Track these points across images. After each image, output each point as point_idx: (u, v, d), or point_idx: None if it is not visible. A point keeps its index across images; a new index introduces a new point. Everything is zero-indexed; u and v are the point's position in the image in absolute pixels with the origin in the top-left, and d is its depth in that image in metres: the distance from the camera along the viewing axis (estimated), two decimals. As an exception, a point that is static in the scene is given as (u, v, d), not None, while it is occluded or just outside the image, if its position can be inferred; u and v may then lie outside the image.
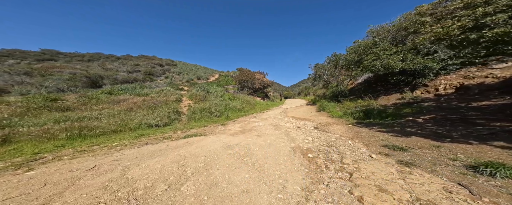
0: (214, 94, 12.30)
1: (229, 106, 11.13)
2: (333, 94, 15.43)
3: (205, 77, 26.88)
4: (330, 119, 9.26)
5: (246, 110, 12.73)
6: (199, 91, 11.75)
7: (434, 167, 2.94)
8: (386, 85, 14.13)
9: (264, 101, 21.00)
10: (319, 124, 7.79)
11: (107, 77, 14.79)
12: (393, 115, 7.63)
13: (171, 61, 33.98)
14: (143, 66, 23.87)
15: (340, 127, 7.05)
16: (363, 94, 14.83)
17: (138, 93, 10.03)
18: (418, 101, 8.20)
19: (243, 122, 8.47)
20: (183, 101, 10.55)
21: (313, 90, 38.13)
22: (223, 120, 8.57)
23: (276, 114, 12.06)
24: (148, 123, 7.03)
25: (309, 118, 9.72)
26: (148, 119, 7.22)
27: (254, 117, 10.45)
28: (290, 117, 10.35)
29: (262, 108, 15.48)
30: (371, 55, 9.19)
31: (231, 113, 10.36)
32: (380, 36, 9.69)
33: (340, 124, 7.72)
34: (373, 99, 11.33)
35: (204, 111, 8.94)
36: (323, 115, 11.21)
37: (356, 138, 5.29)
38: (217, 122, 8.11)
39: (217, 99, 11.73)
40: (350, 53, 10.83)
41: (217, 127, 7.22)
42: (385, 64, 8.69)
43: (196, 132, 6.39)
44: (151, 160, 3.59)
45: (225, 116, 9.22)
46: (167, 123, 7.45)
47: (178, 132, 6.50)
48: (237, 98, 14.44)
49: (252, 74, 19.51)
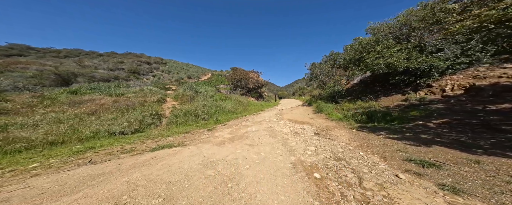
0: (204, 95, 11.28)
1: (220, 107, 10.14)
2: (330, 95, 14.75)
3: (197, 76, 25.64)
4: (329, 122, 8.48)
5: (238, 112, 11.77)
6: (186, 91, 10.67)
7: (495, 196, 2.13)
8: (384, 86, 13.60)
9: (258, 102, 20.11)
10: (319, 129, 6.98)
11: (82, 75, 13.33)
12: (399, 118, 6.93)
13: (161, 59, 32.43)
14: (128, 64, 22.28)
15: (343, 132, 6.25)
16: (360, 95, 14.25)
17: (110, 93, 8.76)
18: (425, 103, 7.55)
19: (234, 126, 7.52)
20: (166, 102, 9.46)
21: (307, 90, 37.67)
22: (211, 124, 7.58)
23: (271, 116, 11.19)
24: (109, 130, 5.70)
25: (307, 121, 8.90)
26: (112, 124, 6.03)
27: (247, 119, 9.51)
28: (286, 119, 9.50)
29: (256, 109, 14.58)
30: (373, 53, 8.50)
31: (221, 115, 9.38)
32: (382, 33, 9.03)
33: (342, 129, 6.94)
34: (374, 101, 10.69)
35: (190, 113, 7.88)
36: (321, 117, 10.45)
37: (366, 147, 4.48)
38: (203, 126, 7.09)
39: (206, 100, 10.71)
40: (350, 51, 10.12)
41: (201, 133, 6.18)
42: (389, 63, 8.01)
43: (173, 141, 5.25)
44: (68, 197, 2.34)
45: (214, 119, 8.22)
46: (138, 129, 6.28)
47: (148, 141, 5.34)
48: (229, 99, 13.46)
49: (246, 73, 18.57)
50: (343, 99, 14.03)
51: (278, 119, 9.58)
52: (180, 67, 31.18)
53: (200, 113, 8.17)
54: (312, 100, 20.25)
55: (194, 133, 6.22)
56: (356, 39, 9.92)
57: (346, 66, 12.35)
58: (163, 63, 31.04)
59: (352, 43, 10.22)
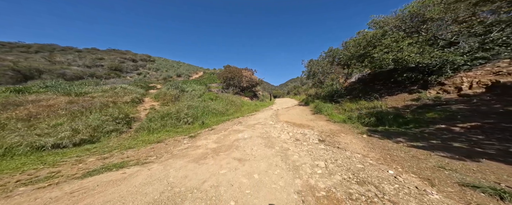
0: (191, 94, 10.04)
1: (209, 109, 8.95)
2: (328, 94, 13.82)
3: (187, 74, 24.16)
4: (332, 125, 7.48)
5: (230, 113, 10.60)
6: (170, 90, 9.38)
7: None
8: (386, 84, 12.77)
9: (252, 102, 18.98)
10: (322, 134, 5.94)
11: (49, 72, 11.67)
12: (415, 121, 6.00)
13: (148, 56, 30.58)
14: (109, 61, 20.47)
15: (353, 139, 5.23)
16: (361, 94, 13.39)
17: (69, 92, 7.31)
18: (441, 103, 6.67)
19: (223, 131, 6.35)
20: (144, 103, 8.17)
21: (303, 89, 36.88)
22: (195, 129, 6.38)
23: (267, 117, 10.10)
24: (36, 144, 4.13)
25: (306, 124, 7.86)
26: (47, 134, 4.56)
27: (239, 122, 8.37)
28: (283, 122, 8.44)
29: (250, 110, 13.44)
30: (380, 47, 7.56)
31: (210, 118, 8.20)
32: (389, 25, 8.10)
33: (350, 133, 5.93)
34: (379, 100, 9.80)
35: (169, 116, 6.61)
36: (321, 118, 9.45)
37: (391, 161, 3.45)
38: (185, 132, 5.87)
39: (194, 100, 9.50)
40: (353, 46, 9.17)
41: (179, 142, 4.90)
42: (398, 58, 7.08)
43: (130, 157, 3.84)
44: None
45: (200, 123, 7.02)
46: (88, 139, 4.84)
47: (91, 158, 3.85)
48: (221, 99, 12.26)
49: (239, 71, 17.37)
50: (343, 98, 13.14)
51: (275, 121, 8.50)
52: (170, 65, 29.52)
53: (183, 115, 6.92)
54: (309, 99, 19.32)
55: (169, 141, 4.94)
56: (360, 33, 8.99)
57: (347, 63, 11.41)
58: (151, 60, 29.25)
59: (355, 37, 9.29)
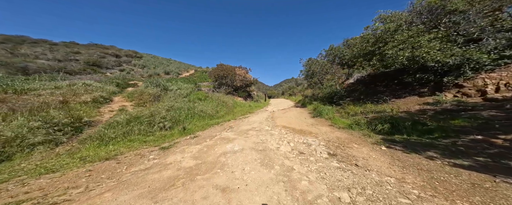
0: (175, 94, 8.76)
1: (195, 110, 7.70)
2: (328, 95, 12.86)
3: (176, 72, 22.64)
4: (338, 132, 6.43)
5: (220, 115, 9.39)
6: (149, 88, 8.05)
7: None
8: (389, 86, 11.95)
9: (246, 102, 17.80)
10: (330, 144, 4.87)
11: (6, 65, 9.99)
12: (439, 130, 5.03)
13: (135, 52, 28.65)
14: (86, 55, 18.54)
15: (370, 151, 4.18)
16: (362, 96, 12.54)
17: (5, 88, 5.90)
18: (465, 108, 5.76)
19: (207, 139, 5.14)
20: (112, 103, 6.81)
21: (298, 90, 36.07)
22: (172, 137, 5.12)
23: (262, 120, 8.96)
24: None
25: (308, 130, 6.78)
26: None
27: (229, 127, 7.18)
28: (281, 126, 7.32)
29: (244, 111, 12.26)
30: (394, 43, 6.59)
31: (195, 122, 6.96)
32: (400, 20, 7.13)
33: (363, 143, 4.89)
34: (386, 103, 8.89)
35: (139, 120, 5.27)
36: (323, 123, 8.42)
37: (446, 191, 2.38)
38: (157, 142, 4.57)
39: (178, 100, 8.23)
40: (359, 42, 8.19)
41: (141, 158, 3.52)
42: (415, 55, 6.12)
43: (34, 192, 2.39)
44: None
45: (181, 128, 5.75)
46: None
47: None
48: (210, 99, 11.02)
49: (232, 69, 16.14)
50: (343, 100, 12.22)
51: (271, 126, 7.37)
52: (159, 62, 27.82)
53: (159, 119, 5.60)
54: (306, 101, 18.36)
55: (127, 157, 3.52)
56: (369, 28, 8.01)
57: (348, 63, 10.45)
58: (138, 57, 27.38)
59: (362, 33, 8.32)
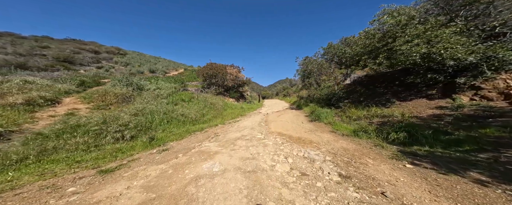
0: (152, 94, 7.51)
1: (173, 114, 6.51)
2: (325, 97, 11.97)
3: (163, 71, 21.13)
4: (343, 140, 5.46)
5: (206, 119, 8.22)
6: (117, 87, 6.74)
7: None
8: (391, 87, 11.19)
9: (238, 104, 16.66)
10: (337, 158, 3.86)
11: None
12: (470, 141, 4.16)
13: (118, 49, 26.69)
14: (56, 50, 16.62)
15: (393, 170, 3.21)
16: (362, 98, 11.76)
17: None
18: (493, 114, 4.94)
19: (179, 154, 3.99)
20: (59, 106, 5.47)
21: (292, 90, 35.27)
22: (133, 150, 3.93)
23: (254, 125, 7.89)
24: None
25: (307, 138, 5.76)
26: None
27: (214, 135, 6.05)
28: (276, 134, 6.28)
29: (235, 114, 11.14)
30: (407, 38, 5.69)
31: (171, 128, 5.79)
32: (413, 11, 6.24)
33: (378, 157, 3.92)
34: (392, 106, 8.06)
35: (84, 129, 3.97)
36: (322, 128, 7.45)
37: None
38: (100, 161, 3.32)
39: (155, 102, 7.00)
40: (365, 37, 7.28)
41: (41, 198, 2.32)
42: (432, 52, 5.25)
43: None
44: None
45: (148, 138, 4.51)
46: None
47: None
48: (197, 100, 9.82)
49: (223, 68, 14.94)
50: (342, 103, 11.38)
51: (265, 133, 6.31)
52: (145, 60, 26.11)
53: (116, 127, 4.29)
54: (301, 102, 17.47)
55: (18, 196, 2.31)
56: (375, 22, 7.09)
57: (351, 61, 9.57)
58: (121, 54, 25.53)
59: (367, 28, 7.40)
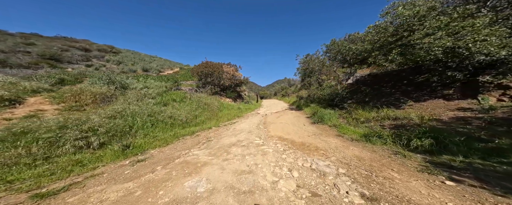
0: (139, 94, 6.70)
1: (160, 117, 5.71)
2: (328, 97, 11.25)
3: (157, 69, 20.23)
4: (354, 147, 4.72)
5: (199, 121, 7.42)
6: (96, 85, 5.92)
7: None
8: (399, 87, 10.47)
9: (235, 104, 15.88)
10: (353, 171, 3.12)
11: None
12: (510, 151, 3.46)
13: (111, 47, 25.65)
14: (42, 47, 15.66)
15: (429, 189, 2.45)
16: (368, 99, 11.05)
17: None
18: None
19: (158, 167, 3.21)
20: (20, 107, 4.66)
21: (291, 90, 34.61)
22: (101, 161, 3.16)
23: (252, 128, 7.12)
24: None
25: (312, 143, 5.01)
26: None
27: (206, 140, 5.26)
28: (276, 138, 5.51)
29: (231, 115, 10.36)
30: (428, 30, 4.96)
31: (157, 132, 4.99)
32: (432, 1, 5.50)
33: (405, 170, 3.18)
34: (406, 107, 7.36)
35: (34, 135, 3.16)
36: (327, 132, 6.72)
37: None
38: (44, 179, 2.56)
39: (141, 102, 6.19)
40: (374, 33, 6.55)
41: None
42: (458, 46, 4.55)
43: None
44: None
45: (122, 145, 3.72)
46: None
47: None
48: (189, 101, 9.02)
49: (219, 67, 14.13)
50: (346, 103, 10.67)
51: (264, 137, 5.54)
52: (139, 59, 25.16)
53: (77, 134, 3.46)
54: (301, 103, 16.76)
55: None
56: (388, 14, 6.32)
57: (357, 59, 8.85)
58: (113, 52, 24.52)
59: (377, 21, 6.65)
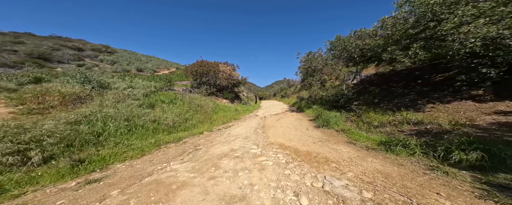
0: (120, 95, 5.82)
1: (141, 121, 4.82)
2: (333, 98, 10.38)
3: (152, 69, 19.34)
4: (373, 159, 3.83)
5: (190, 125, 6.53)
6: (67, 85, 5.03)
7: None
8: (412, 86, 9.43)
9: (232, 105, 14.98)
10: (383, 196, 2.20)
11: None
12: None
13: (106, 47, 24.70)
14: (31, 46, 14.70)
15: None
16: (377, 100, 10.11)
17: None
18: None
19: (109, 193, 2.33)
20: None
21: (291, 91, 33.76)
22: (42, 180, 2.30)
23: (249, 133, 6.23)
24: None
25: (320, 153, 4.11)
26: None
27: (193, 149, 4.36)
28: (277, 146, 4.62)
29: (227, 118, 9.46)
30: (463, 18, 4.08)
31: (131, 140, 4.11)
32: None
33: (461, 198, 2.27)
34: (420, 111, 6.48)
35: None
36: (336, 138, 5.84)
37: None
38: None
39: (121, 105, 5.31)
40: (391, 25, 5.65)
41: None
42: (506, 35, 3.70)
43: None
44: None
45: (72, 161, 2.82)
46: None
47: None
48: (181, 102, 8.12)
49: (214, 66, 13.23)
50: (355, 105, 9.80)
51: (262, 145, 4.64)
52: (136, 59, 24.26)
53: (9, 146, 2.60)
54: (303, 104, 15.89)
55: None
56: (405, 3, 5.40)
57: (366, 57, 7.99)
58: (109, 52, 23.59)
59: (394, 12, 5.73)
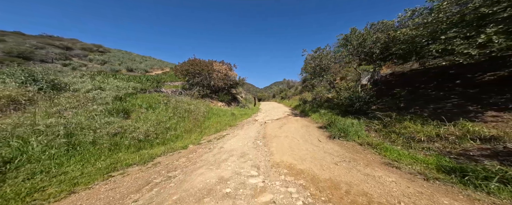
0: (80, 98, 4.34)
1: (89, 136, 3.33)
2: (346, 101, 8.82)
3: (144, 69, 17.84)
4: (455, 201, 2.26)
5: (171, 137, 4.96)
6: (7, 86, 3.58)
7: None
8: (449, 88, 7.46)
9: (229, 109, 13.41)
10: None
11: None
12: None
13: (98, 47, 23.26)
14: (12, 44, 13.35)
15: None
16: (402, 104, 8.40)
17: None
18: None
19: None
20: None
21: (291, 92, 32.25)
22: None
23: (246, 147, 4.66)
24: None
25: (352, 186, 2.51)
26: None
27: (165, 176, 2.80)
28: (284, 169, 3.02)
29: (221, 124, 7.91)
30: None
31: (67, 165, 2.60)
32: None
33: None
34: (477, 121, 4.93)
35: None
36: (364, 156, 4.28)
37: None
38: None
39: (78, 111, 3.81)
40: (449, 4, 4.13)
41: None
42: None
43: None
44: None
45: None
46: None
47: None
48: (165, 106, 6.57)
49: (208, 65, 11.66)
50: (372, 110, 8.26)
51: (263, 169, 3.06)
52: (129, 59, 22.76)
53: None
54: (307, 107, 14.34)
55: None
56: None
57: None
58: (100, 51, 22.14)
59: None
